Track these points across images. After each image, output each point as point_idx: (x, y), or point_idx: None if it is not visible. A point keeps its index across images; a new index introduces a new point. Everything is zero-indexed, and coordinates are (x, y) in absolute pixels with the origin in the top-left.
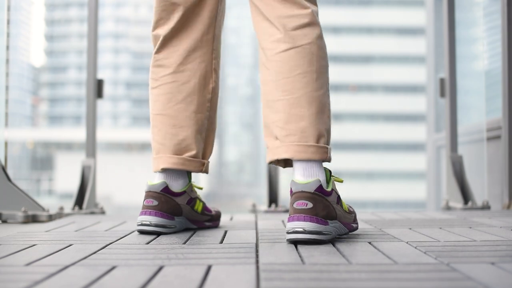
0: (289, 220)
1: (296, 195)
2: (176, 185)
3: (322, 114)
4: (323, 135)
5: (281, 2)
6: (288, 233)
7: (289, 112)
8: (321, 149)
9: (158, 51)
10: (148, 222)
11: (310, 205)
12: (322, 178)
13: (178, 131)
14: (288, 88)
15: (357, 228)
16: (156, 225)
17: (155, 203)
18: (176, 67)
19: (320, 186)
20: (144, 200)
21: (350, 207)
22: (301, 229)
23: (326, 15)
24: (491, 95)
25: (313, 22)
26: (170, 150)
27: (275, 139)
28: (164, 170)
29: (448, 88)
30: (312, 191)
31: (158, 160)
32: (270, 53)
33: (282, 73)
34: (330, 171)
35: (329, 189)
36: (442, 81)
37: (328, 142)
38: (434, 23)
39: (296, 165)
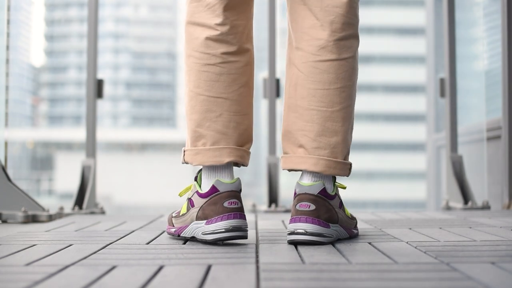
0: (290, 222)
1: (300, 197)
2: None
3: (351, 130)
4: (348, 151)
5: (341, 4)
6: (289, 234)
7: (324, 124)
8: (347, 165)
9: (222, 22)
10: (232, 227)
11: (312, 207)
12: (328, 184)
13: (243, 119)
14: (327, 100)
15: (357, 234)
16: (245, 229)
17: (239, 204)
18: (240, 45)
19: (324, 189)
20: (225, 201)
21: (352, 214)
22: (302, 231)
23: None
24: (491, 95)
25: (357, 34)
26: (234, 141)
27: (298, 147)
28: (227, 164)
29: (448, 88)
30: (316, 194)
31: (220, 152)
32: (310, 58)
33: (322, 83)
34: (334, 178)
35: (332, 193)
36: (442, 81)
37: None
38: (434, 23)
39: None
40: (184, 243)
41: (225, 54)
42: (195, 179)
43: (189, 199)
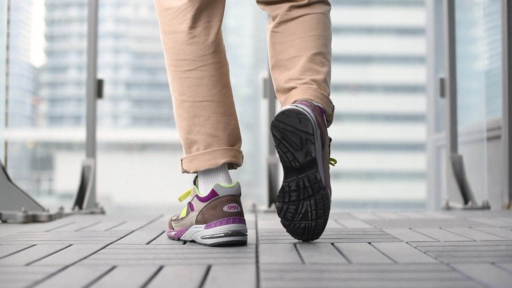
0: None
1: (302, 102)
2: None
3: (329, 78)
4: (329, 96)
5: None
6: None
7: (306, 65)
8: (331, 104)
9: (193, 24)
10: (231, 232)
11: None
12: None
13: (230, 119)
14: (305, 45)
15: (330, 199)
16: (244, 234)
17: (239, 209)
18: (216, 46)
19: (322, 108)
20: (224, 205)
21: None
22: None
23: None
24: (491, 95)
25: (327, 1)
26: (226, 142)
27: (287, 92)
28: (222, 166)
29: (448, 88)
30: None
31: (214, 154)
32: (282, 18)
33: (297, 34)
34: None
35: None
36: (442, 81)
37: None
38: (434, 23)
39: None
40: (184, 243)
41: (203, 57)
42: (194, 183)
43: (189, 203)
